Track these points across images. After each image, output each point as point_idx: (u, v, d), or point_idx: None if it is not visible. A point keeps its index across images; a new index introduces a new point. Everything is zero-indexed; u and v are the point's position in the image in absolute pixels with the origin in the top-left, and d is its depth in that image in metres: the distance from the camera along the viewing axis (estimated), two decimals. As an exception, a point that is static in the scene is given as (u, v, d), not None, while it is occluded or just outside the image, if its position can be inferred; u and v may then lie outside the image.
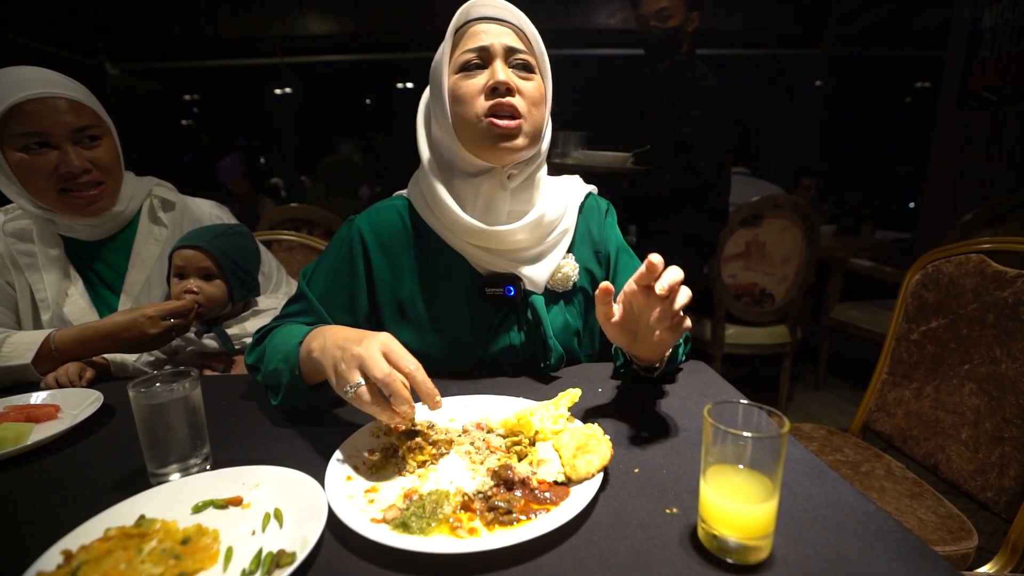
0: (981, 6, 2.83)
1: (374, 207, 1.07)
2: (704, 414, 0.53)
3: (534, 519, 0.57)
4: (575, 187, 1.11)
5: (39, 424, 0.85)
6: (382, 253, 1.03)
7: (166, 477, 0.69)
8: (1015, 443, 1.05)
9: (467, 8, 0.94)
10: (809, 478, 0.66)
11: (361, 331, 0.77)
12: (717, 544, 0.52)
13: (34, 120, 1.07)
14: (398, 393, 0.66)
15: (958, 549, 1.04)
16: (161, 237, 1.29)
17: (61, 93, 1.11)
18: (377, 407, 0.68)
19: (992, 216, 2.34)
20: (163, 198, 1.33)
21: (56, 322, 1.17)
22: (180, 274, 1.17)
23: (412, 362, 0.69)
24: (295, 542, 0.54)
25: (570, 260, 1.05)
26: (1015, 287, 1.10)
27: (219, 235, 1.21)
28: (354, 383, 0.68)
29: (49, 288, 1.17)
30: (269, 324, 1.00)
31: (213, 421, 0.77)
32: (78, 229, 1.21)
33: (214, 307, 1.19)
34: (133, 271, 1.25)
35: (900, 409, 1.34)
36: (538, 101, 0.94)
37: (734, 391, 0.94)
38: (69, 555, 0.51)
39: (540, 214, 0.99)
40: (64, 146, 1.11)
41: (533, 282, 1.01)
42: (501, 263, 1.00)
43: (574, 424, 0.74)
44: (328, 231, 2.20)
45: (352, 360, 0.69)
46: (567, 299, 1.07)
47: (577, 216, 1.09)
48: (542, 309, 1.00)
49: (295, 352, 0.83)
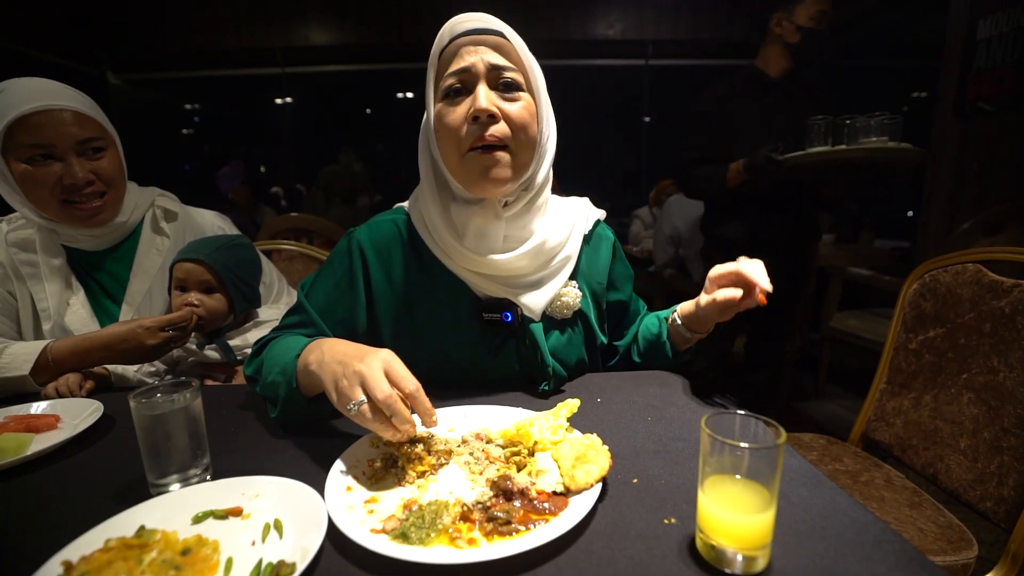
0: (975, 17, 2.86)
1: (374, 220, 1.06)
2: (702, 424, 0.53)
3: (533, 529, 0.57)
4: (582, 212, 1.08)
5: (39, 434, 0.85)
6: (381, 268, 1.01)
7: (166, 487, 0.69)
8: (1013, 453, 1.05)
9: (449, 26, 0.91)
10: (807, 488, 0.66)
11: (360, 346, 0.76)
12: (715, 554, 0.52)
13: (39, 132, 1.08)
14: (399, 414, 0.67)
15: (958, 559, 1.04)
16: (163, 247, 1.29)
17: (67, 105, 1.11)
18: (379, 424, 0.68)
19: (990, 225, 2.35)
20: (165, 208, 1.33)
21: (57, 332, 1.18)
22: (181, 287, 1.17)
23: (412, 382, 0.70)
24: (295, 552, 0.54)
25: (572, 288, 1.03)
26: (1012, 297, 1.11)
27: (220, 247, 1.21)
28: (357, 401, 0.68)
29: (51, 298, 1.18)
30: (268, 335, 1.00)
31: (213, 431, 0.77)
32: (80, 239, 1.22)
33: (215, 319, 1.19)
34: (135, 281, 1.26)
35: (899, 418, 1.34)
36: (526, 123, 0.89)
37: (732, 401, 0.94)
38: (69, 566, 0.51)
39: (541, 240, 0.96)
40: (68, 158, 1.12)
41: (531, 309, 0.98)
42: (498, 289, 0.98)
43: (573, 434, 0.74)
44: (328, 240, 2.21)
45: (354, 377, 0.69)
46: (569, 325, 1.05)
47: (584, 243, 1.07)
48: (540, 337, 0.99)
49: (292, 365, 0.82)
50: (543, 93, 0.95)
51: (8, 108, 1.07)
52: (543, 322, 1.01)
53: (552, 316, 1.03)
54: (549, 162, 0.98)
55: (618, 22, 4.86)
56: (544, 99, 0.95)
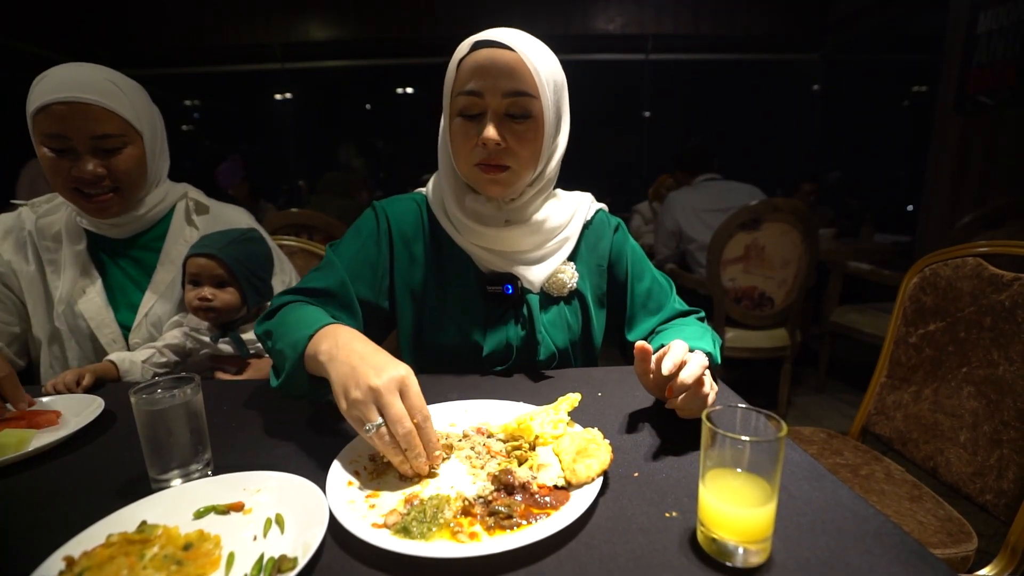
0: (976, 11, 2.85)
1: (395, 197, 1.15)
2: (703, 418, 0.53)
3: (534, 523, 0.57)
4: (584, 202, 1.15)
5: (40, 430, 0.85)
6: (400, 237, 1.09)
7: (168, 483, 0.69)
8: (1013, 446, 1.05)
9: (469, 40, 0.96)
10: (808, 481, 0.66)
11: (375, 350, 0.74)
12: (716, 547, 0.52)
13: (57, 123, 1.10)
14: (414, 448, 0.67)
15: (958, 552, 1.04)
16: (191, 238, 1.30)
17: (92, 100, 1.10)
18: (393, 450, 0.67)
19: (990, 219, 2.35)
20: (198, 201, 1.36)
21: (69, 316, 1.21)
22: (195, 281, 1.18)
23: (423, 412, 0.69)
24: (297, 547, 0.54)
25: (569, 268, 1.10)
26: (1012, 290, 1.11)
27: (232, 242, 1.21)
28: (374, 423, 0.66)
29: (65, 284, 1.21)
30: (286, 296, 0.99)
31: (215, 426, 0.77)
32: (103, 227, 1.24)
33: (228, 313, 1.20)
34: (161, 269, 1.28)
35: (899, 412, 1.34)
36: (533, 142, 0.96)
37: (733, 395, 0.94)
38: (71, 561, 0.52)
39: (543, 218, 1.05)
40: (81, 153, 1.12)
41: (530, 281, 1.06)
42: (502, 263, 1.06)
43: (574, 428, 0.74)
44: (329, 236, 2.20)
45: (369, 394, 0.67)
46: (565, 301, 1.12)
47: (584, 229, 1.14)
48: (535, 307, 1.07)
49: (304, 344, 0.80)
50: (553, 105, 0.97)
51: (40, 94, 1.09)
52: (541, 297, 1.09)
53: (549, 292, 1.10)
54: (558, 158, 1.05)
55: (618, 17, 4.84)
56: (553, 109, 0.97)
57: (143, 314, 1.25)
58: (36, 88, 1.10)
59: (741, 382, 3.19)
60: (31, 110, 1.09)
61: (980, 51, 2.84)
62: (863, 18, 4.55)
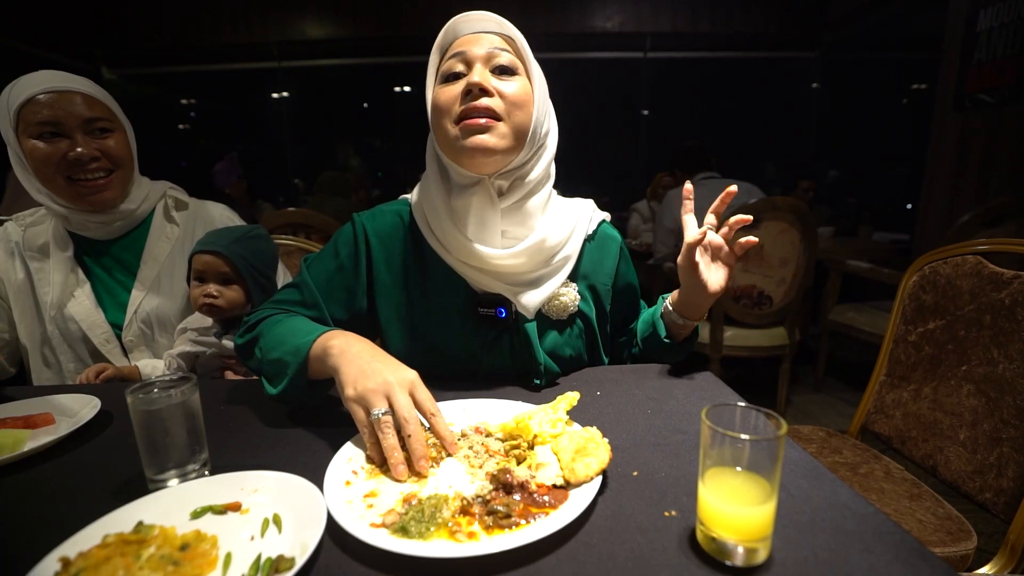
0: (976, 9, 2.85)
1: (378, 209, 1.07)
2: (702, 417, 0.53)
3: (533, 523, 0.57)
4: (585, 212, 1.07)
5: (36, 430, 0.85)
6: (383, 254, 1.02)
7: (164, 483, 0.68)
8: (1013, 444, 1.05)
9: (452, 25, 0.94)
10: (807, 480, 0.66)
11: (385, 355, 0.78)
12: (716, 546, 0.52)
13: (48, 109, 1.13)
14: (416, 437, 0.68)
15: (957, 550, 1.04)
16: (173, 235, 1.34)
17: (76, 88, 1.16)
18: (392, 442, 0.68)
19: (989, 218, 2.35)
20: (177, 198, 1.38)
21: (59, 320, 1.23)
22: (200, 278, 1.19)
23: (434, 407, 0.71)
24: (294, 547, 0.54)
25: (571, 290, 1.02)
26: (1012, 288, 1.11)
27: (237, 239, 1.21)
28: (381, 409, 0.69)
29: (54, 287, 1.22)
30: (266, 309, 0.99)
31: (211, 426, 0.76)
32: (91, 227, 1.25)
33: (234, 310, 1.20)
34: (145, 267, 1.30)
35: (898, 410, 1.34)
36: (522, 102, 0.90)
37: (732, 393, 0.94)
38: (67, 562, 0.51)
39: (541, 239, 0.95)
40: (75, 135, 1.16)
41: (525, 308, 0.97)
42: (494, 284, 0.97)
43: (572, 427, 0.74)
44: (326, 235, 2.20)
45: (382, 385, 0.70)
46: (567, 324, 1.04)
47: (585, 243, 1.07)
48: (534, 336, 0.98)
49: (307, 347, 0.81)
50: (542, 88, 0.96)
51: (21, 91, 1.12)
52: (539, 320, 1.01)
53: (548, 316, 1.02)
54: (548, 158, 0.99)
55: (616, 15, 4.84)
56: (542, 94, 0.96)
57: (132, 311, 1.27)
58: (14, 88, 1.13)
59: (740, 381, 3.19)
60: (15, 106, 1.12)
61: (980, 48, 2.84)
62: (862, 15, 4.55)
